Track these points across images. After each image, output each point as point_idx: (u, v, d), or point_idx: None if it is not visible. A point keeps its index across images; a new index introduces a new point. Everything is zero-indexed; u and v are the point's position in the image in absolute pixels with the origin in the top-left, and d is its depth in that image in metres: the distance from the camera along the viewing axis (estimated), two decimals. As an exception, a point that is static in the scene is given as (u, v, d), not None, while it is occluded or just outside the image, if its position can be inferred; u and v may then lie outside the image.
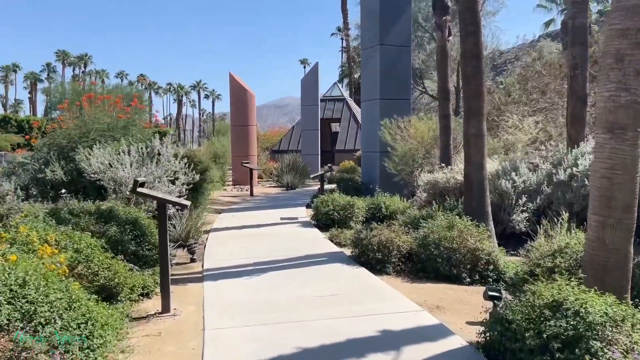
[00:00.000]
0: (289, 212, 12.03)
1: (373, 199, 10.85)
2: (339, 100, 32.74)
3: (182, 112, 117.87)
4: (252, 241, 8.51)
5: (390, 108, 13.71)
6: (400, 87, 14.00)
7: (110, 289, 4.74)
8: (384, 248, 6.59)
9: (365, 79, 14.80)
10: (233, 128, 21.26)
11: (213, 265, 6.84)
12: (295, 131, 32.06)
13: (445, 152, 11.52)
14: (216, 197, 15.49)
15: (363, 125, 14.91)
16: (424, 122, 13.01)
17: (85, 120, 12.63)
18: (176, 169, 8.51)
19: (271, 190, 18.70)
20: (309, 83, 24.93)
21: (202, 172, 9.78)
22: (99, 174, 7.92)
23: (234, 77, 21.02)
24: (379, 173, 13.75)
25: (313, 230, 9.50)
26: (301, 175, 19.69)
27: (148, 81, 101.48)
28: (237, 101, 20.83)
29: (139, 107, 13.29)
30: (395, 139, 12.98)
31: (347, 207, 9.78)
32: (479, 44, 7.77)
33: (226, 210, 12.60)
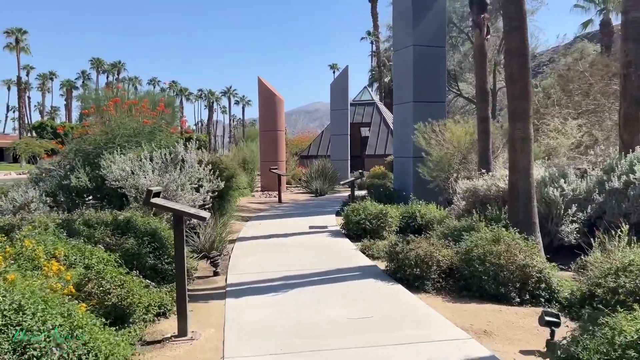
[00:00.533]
0: (318, 221, 11.53)
1: (407, 207, 10.25)
2: (369, 104, 32.16)
3: (212, 118, 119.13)
4: (279, 252, 8.03)
5: (424, 111, 13.08)
6: (435, 89, 13.37)
7: (122, 309, 4.31)
8: (423, 263, 6.00)
9: (397, 82, 14.21)
10: (262, 133, 20.93)
11: (237, 279, 6.38)
12: (324, 136, 31.61)
13: (484, 157, 10.85)
14: (244, 204, 15.12)
15: (395, 130, 14.32)
16: (460, 126, 12.34)
17: (112, 125, 12.42)
18: (200, 176, 8.11)
19: (300, 196, 18.26)
20: (339, 87, 24.45)
21: (228, 179, 9.37)
22: (120, 181, 7.58)
23: (263, 81, 20.71)
24: (412, 179, 13.12)
25: (343, 241, 8.97)
26: (330, 181, 19.19)
27: (179, 87, 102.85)
28: (265, 106, 20.50)
29: (165, 112, 13.02)
30: (429, 144, 12.35)
31: (379, 216, 9.22)
32: (524, 40, 7.13)
33: (253, 218, 12.18)
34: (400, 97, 13.80)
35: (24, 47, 78.66)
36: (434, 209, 9.92)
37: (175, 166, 8.04)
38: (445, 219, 9.11)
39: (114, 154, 7.96)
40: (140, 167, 7.59)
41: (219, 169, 9.22)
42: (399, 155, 13.91)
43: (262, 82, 20.67)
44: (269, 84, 20.79)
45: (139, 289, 4.63)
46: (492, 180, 8.97)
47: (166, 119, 13.24)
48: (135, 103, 12.96)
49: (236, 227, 10.52)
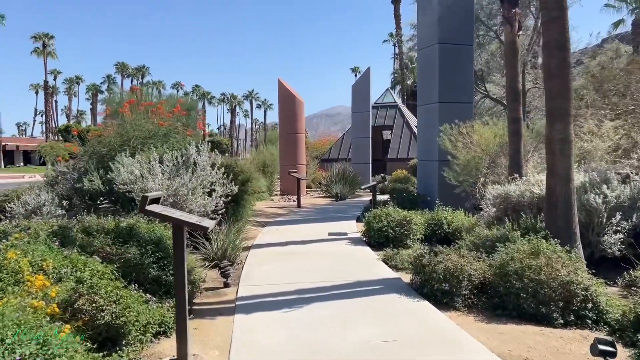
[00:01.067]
0: (337, 227, 11.00)
1: (432, 213, 9.65)
2: (391, 106, 31.53)
3: (235, 121, 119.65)
4: (295, 261, 7.52)
5: (450, 112, 12.45)
6: (461, 90, 12.72)
7: (116, 328, 3.85)
8: (452, 277, 5.42)
9: (422, 81, 13.61)
10: (281, 136, 20.51)
11: (249, 291, 5.89)
12: (345, 139, 31.07)
13: (515, 160, 10.18)
14: (262, 209, 14.68)
15: (419, 132, 13.71)
16: (488, 128, 11.68)
17: (126, 127, 12.12)
18: (213, 180, 7.67)
19: (319, 200, 17.75)
20: (361, 89, 23.90)
21: (243, 183, 8.92)
22: (129, 185, 7.18)
23: (283, 83, 20.30)
24: (437, 184, 12.49)
25: (364, 249, 8.42)
26: (351, 185, 18.64)
27: (202, 91, 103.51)
28: (285, 108, 20.08)
29: (182, 114, 12.67)
30: (456, 147, 11.72)
31: (403, 223, 8.64)
32: (564, 32, 6.50)
33: (271, 224, 11.71)
34: (425, 97, 13.19)
35: (51, 52, 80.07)
36: (462, 216, 9.30)
37: (186, 169, 7.61)
38: (474, 227, 8.50)
39: (121, 156, 7.56)
40: (149, 170, 7.17)
41: (233, 172, 8.78)
42: (423, 159, 13.30)
43: (282, 83, 20.27)
44: (289, 86, 20.37)
45: (137, 305, 4.17)
46: (525, 185, 8.31)
47: (182, 121, 12.89)
48: (151, 105, 12.65)
49: (252, 233, 10.06)
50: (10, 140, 70.93)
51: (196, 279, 5.45)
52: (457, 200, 11.61)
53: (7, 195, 11.96)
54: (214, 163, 7.92)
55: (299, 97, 20.21)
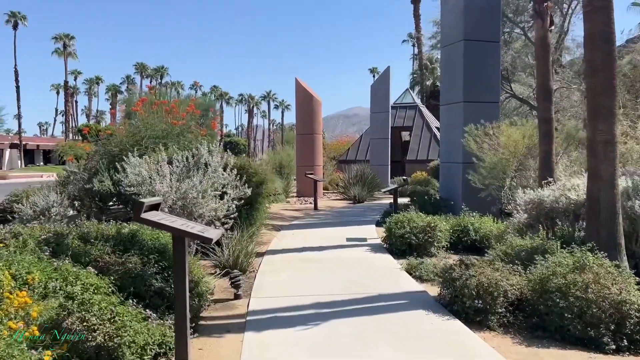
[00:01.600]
0: (356, 231, 10.48)
1: (458, 219, 9.08)
2: (410, 107, 30.87)
3: (252, 122, 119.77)
4: (311, 270, 7.03)
5: (476, 112, 11.84)
6: (487, 88, 12.11)
7: (108, 351, 3.40)
8: (487, 293, 4.87)
9: (445, 80, 13.02)
10: (298, 136, 20.06)
11: (261, 304, 5.41)
12: (363, 140, 30.51)
13: (546, 163, 9.55)
14: (277, 211, 14.23)
15: (442, 132, 13.13)
16: (517, 129, 11.06)
17: (139, 126, 11.77)
18: (225, 182, 7.22)
19: (337, 203, 17.24)
20: (380, 89, 23.34)
21: (257, 185, 8.46)
22: (136, 187, 6.76)
23: (300, 82, 19.85)
24: (461, 187, 11.89)
25: (385, 257, 7.89)
26: (370, 187, 18.09)
27: (219, 91, 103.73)
28: (303, 108, 19.63)
29: (196, 113, 12.28)
30: (481, 148, 11.12)
31: (427, 229, 8.09)
32: (610, 23, 5.91)
33: (286, 227, 11.24)
34: (449, 97, 12.60)
35: (71, 52, 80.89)
36: (490, 222, 8.72)
37: (197, 170, 7.17)
38: (503, 235, 7.92)
39: (129, 156, 7.15)
40: (158, 172, 6.75)
41: (247, 174, 8.32)
42: (446, 161, 12.71)
43: (300, 83, 19.82)
44: (306, 85, 19.92)
45: (135, 323, 3.72)
46: (560, 190, 7.70)
47: (197, 120, 12.51)
48: (165, 103, 12.29)
49: (266, 237, 9.60)
50: (30, 140, 71.78)
51: (203, 291, 4.99)
52: (482, 205, 11.03)
53: (17, 195, 11.69)
54: (226, 164, 7.47)
55: (317, 97, 19.74)
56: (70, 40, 79.97)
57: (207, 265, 7.24)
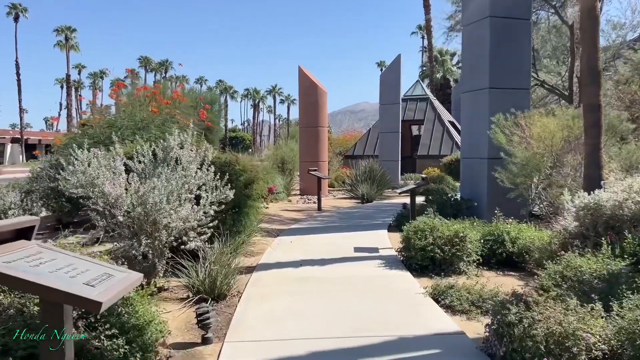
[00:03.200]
0: (365, 239, 8.96)
1: (490, 226, 7.52)
2: (421, 99, 29.24)
3: (257, 117, 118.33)
4: (311, 295, 5.52)
5: (503, 100, 10.27)
6: (516, 73, 10.51)
7: None
8: (562, 349, 3.34)
9: (467, 64, 11.42)
10: (302, 129, 18.53)
11: (237, 354, 3.90)
12: (371, 134, 28.94)
13: (593, 159, 7.97)
14: (277, 212, 12.73)
15: (464, 124, 11.54)
16: (553, 118, 9.47)
17: (116, 116, 10.32)
18: (200, 182, 5.71)
19: (343, 202, 15.70)
20: (390, 79, 21.73)
21: (246, 185, 6.96)
22: (84, 189, 5.27)
23: (304, 71, 18.30)
24: (486, 187, 10.33)
25: (404, 276, 6.35)
26: (379, 185, 16.53)
27: (224, 85, 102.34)
28: (306, 98, 18.08)
29: (182, 100, 10.80)
30: (511, 142, 9.55)
31: (454, 240, 6.55)
32: None
33: (285, 232, 9.72)
34: (471, 83, 11.01)
35: (74, 45, 79.58)
36: (531, 231, 7.16)
37: (166, 167, 5.67)
38: (549, 247, 6.39)
39: (75, 150, 5.65)
40: (112, 169, 5.24)
41: (233, 171, 6.81)
42: (469, 156, 11.13)
43: (303, 71, 18.27)
44: (310, 74, 18.37)
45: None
46: (626, 192, 6.12)
47: (183, 109, 11.02)
48: (145, 89, 10.83)
49: (259, 246, 8.09)
50: (32, 134, 70.68)
51: (152, 340, 3.49)
52: (511, 207, 9.50)
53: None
54: (204, 160, 5.95)
55: (322, 87, 18.19)
56: (72, 33, 78.68)
57: (177, 286, 5.75)
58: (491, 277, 6.49)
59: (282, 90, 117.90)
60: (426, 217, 8.68)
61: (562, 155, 9.38)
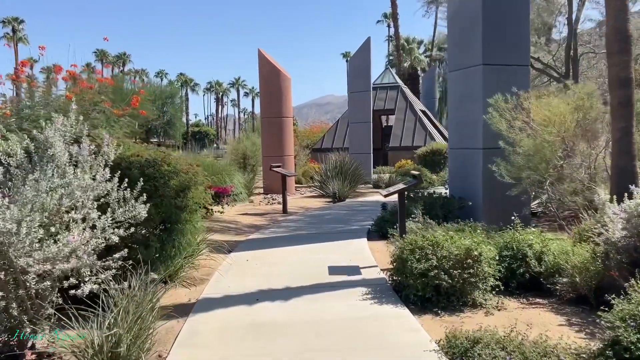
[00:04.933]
0: (342, 252, 7.15)
1: (503, 236, 5.78)
2: (392, 87, 27.60)
3: (222, 111, 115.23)
4: (269, 357, 3.67)
5: (500, 79, 8.62)
6: (515, 46, 8.86)
7: None
8: None
9: (454, 37, 9.71)
10: (264, 121, 16.57)
11: None
12: (340, 126, 27.18)
13: (625, 147, 6.45)
14: (234, 216, 10.81)
15: (452, 108, 9.83)
16: (564, 99, 7.86)
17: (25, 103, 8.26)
18: (98, 193, 3.76)
19: (312, 202, 13.86)
20: (359, 64, 19.95)
21: (178, 193, 5.03)
22: None
23: (265, 55, 16.31)
24: (481, 182, 8.67)
25: (401, 316, 4.56)
26: (352, 181, 14.76)
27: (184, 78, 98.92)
28: (268, 85, 16.11)
29: (108, 84, 8.72)
30: (512, 127, 7.91)
31: (466, 261, 4.80)
32: None
33: (241, 246, 7.82)
34: (460, 59, 9.32)
35: (22, 38, 74.89)
36: (562, 245, 5.46)
37: (44, 171, 3.69)
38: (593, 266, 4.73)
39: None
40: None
41: (160, 174, 4.89)
42: (458, 146, 9.45)
43: (264, 55, 16.28)
44: (272, 58, 16.40)
45: None
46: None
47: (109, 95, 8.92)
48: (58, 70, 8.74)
49: (203, 270, 6.17)
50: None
51: None
52: (511, 205, 7.98)
53: None
54: (106, 160, 3.99)
55: (285, 72, 16.25)
56: (19, 24, 73.97)
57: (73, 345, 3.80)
58: (516, 309, 4.79)
59: (245, 82, 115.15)
60: (413, 222, 6.97)
61: (575, 142, 7.80)
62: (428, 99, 34.71)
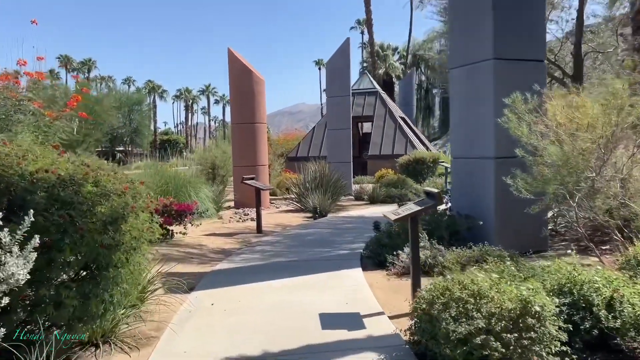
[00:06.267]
0: (333, 290, 5.65)
1: (558, 274, 4.36)
2: (370, 93, 26.38)
3: (192, 119, 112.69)
4: None
5: (515, 76, 7.35)
6: (530, 37, 7.60)
7: None
8: None
9: (457, 27, 8.37)
10: (234, 127, 14.99)
11: None
12: (317, 133, 25.77)
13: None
14: (199, 238, 9.20)
15: (455, 110, 8.46)
16: (597, 97, 6.58)
17: None
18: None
19: (290, 218, 12.32)
20: (337, 67, 18.54)
21: (105, 227, 3.45)
22: None
23: (235, 54, 14.77)
24: (493, 198, 7.32)
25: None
26: (334, 193, 13.30)
27: (152, 85, 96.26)
28: (239, 88, 14.55)
29: (39, 79, 7.05)
30: (533, 133, 6.60)
31: (523, 320, 3.36)
32: None
33: (206, 280, 6.24)
34: (465, 53, 7.98)
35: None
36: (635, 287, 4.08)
37: None
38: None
39: None
40: None
41: (79, 199, 3.33)
42: (463, 155, 8.09)
43: (234, 54, 14.73)
44: (243, 59, 14.87)
45: None
46: None
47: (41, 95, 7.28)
48: None
49: (153, 325, 4.58)
50: None
51: None
52: (527, 225, 6.75)
53: None
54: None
55: (258, 73, 14.73)
56: (-24, 28, 70.27)
57: None
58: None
59: (216, 90, 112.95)
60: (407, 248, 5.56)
61: (611, 148, 6.53)
62: (406, 106, 33.66)
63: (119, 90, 65.14)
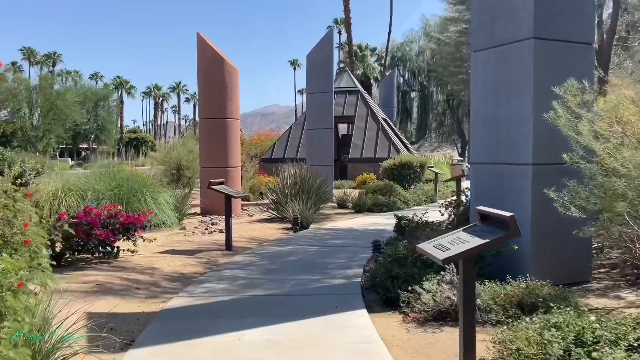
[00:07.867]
0: (332, 351, 3.91)
1: None
2: (350, 92, 24.76)
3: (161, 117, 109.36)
4: None
5: (558, 62, 5.78)
6: (576, 13, 6.04)
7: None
8: None
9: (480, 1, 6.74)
10: (202, 123, 13.11)
11: None
12: (293, 133, 24.01)
13: None
14: (151, 259, 7.33)
15: (477, 103, 6.79)
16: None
17: None
18: None
19: (266, 229, 10.52)
20: (319, 61, 16.81)
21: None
22: None
23: (205, 39, 12.91)
24: (530, 215, 5.71)
25: None
26: (317, 201, 11.56)
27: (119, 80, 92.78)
28: (209, 77, 12.68)
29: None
30: (595, 132, 5.06)
31: None
32: None
33: (150, 331, 4.41)
34: (493, 32, 6.35)
35: None
36: None
37: None
38: None
39: None
40: None
41: None
42: (488, 161, 6.46)
43: (204, 40, 12.87)
44: (214, 45, 13.01)
45: None
46: None
47: None
48: None
49: None
50: None
51: None
52: (571, 251, 5.20)
53: None
54: None
55: (231, 62, 12.89)
56: None
57: None
58: None
59: (187, 88, 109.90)
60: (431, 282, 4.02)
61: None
62: (387, 107, 32.18)
63: (84, 84, 62.10)
